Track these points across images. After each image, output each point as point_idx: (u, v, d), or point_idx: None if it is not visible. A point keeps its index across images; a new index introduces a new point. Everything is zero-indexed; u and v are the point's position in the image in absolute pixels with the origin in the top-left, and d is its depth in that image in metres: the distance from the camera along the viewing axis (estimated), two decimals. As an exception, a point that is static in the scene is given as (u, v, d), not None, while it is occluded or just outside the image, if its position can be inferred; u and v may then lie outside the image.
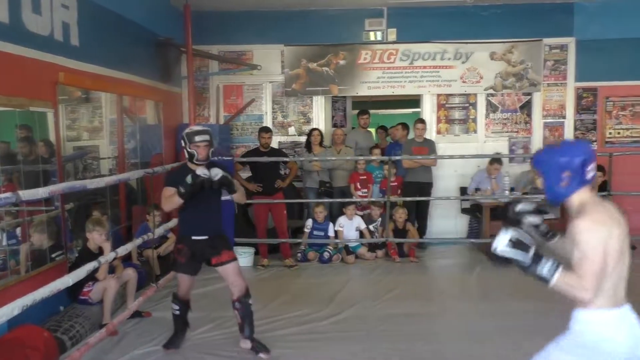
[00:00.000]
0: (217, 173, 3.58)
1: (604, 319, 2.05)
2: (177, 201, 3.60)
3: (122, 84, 5.70)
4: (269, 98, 7.81)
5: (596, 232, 1.98)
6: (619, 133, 7.63)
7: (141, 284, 5.04)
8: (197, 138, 3.68)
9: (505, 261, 2.05)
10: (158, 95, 6.71)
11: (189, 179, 3.54)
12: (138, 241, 4.88)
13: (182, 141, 3.74)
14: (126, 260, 5.22)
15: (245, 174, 6.73)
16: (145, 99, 6.47)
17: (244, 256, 6.42)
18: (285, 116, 7.83)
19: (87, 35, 4.89)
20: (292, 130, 7.75)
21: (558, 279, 1.97)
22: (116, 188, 5.57)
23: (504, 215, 2.40)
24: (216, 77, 7.79)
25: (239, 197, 3.95)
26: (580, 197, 2.12)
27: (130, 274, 4.68)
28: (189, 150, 3.70)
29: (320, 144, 7.26)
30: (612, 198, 6.72)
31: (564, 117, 7.68)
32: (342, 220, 6.79)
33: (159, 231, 5.28)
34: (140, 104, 6.42)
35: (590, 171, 2.12)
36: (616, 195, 6.72)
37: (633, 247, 6.82)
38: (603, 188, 6.79)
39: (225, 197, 5.94)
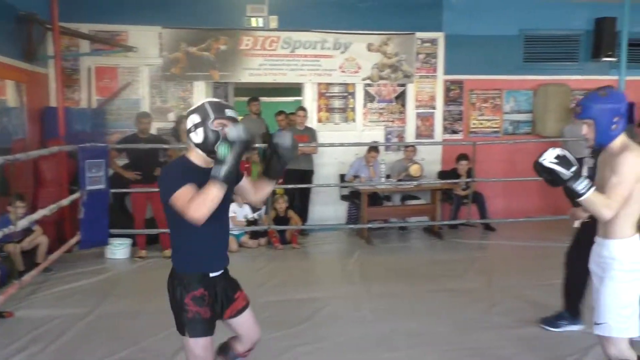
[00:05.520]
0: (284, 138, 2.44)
1: (634, 244, 2.46)
2: (219, 194, 2.16)
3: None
4: (147, 82, 7.46)
5: (636, 165, 2.36)
6: (481, 124, 8.28)
7: (2, 281, 4.64)
8: (228, 112, 2.34)
9: (547, 172, 2.35)
10: (20, 76, 6.14)
11: (236, 134, 2.18)
12: (-2, 235, 4.46)
13: (197, 115, 2.30)
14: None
15: (122, 161, 6.40)
16: (3, 78, 5.89)
17: (120, 248, 6.15)
18: (165, 101, 7.54)
19: None
20: (171, 116, 7.48)
21: (590, 195, 2.31)
22: (-30, 177, 5.04)
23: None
24: (87, 58, 7.29)
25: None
26: (621, 139, 2.46)
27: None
28: (212, 128, 2.28)
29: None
30: (475, 184, 7.32)
31: (434, 108, 8.17)
32: (234, 206, 6.72)
33: (22, 223, 4.86)
34: (-1, 84, 5.85)
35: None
36: (479, 182, 7.33)
37: (492, 229, 7.50)
38: (468, 175, 7.36)
39: (99, 186, 5.67)
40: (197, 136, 2.30)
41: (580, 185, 2.32)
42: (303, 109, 7.38)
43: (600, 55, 8.02)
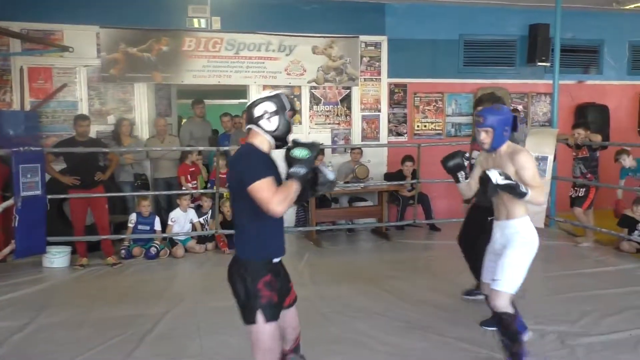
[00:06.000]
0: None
1: (529, 222, 3.15)
2: (297, 192, 2.39)
3: None
4: (84, 83, 7.16)
5: (532, 158, 3.13)
6: (425, 126, 8.45)
7: None
8: (294, 105, 2.61)
9: (503, 189, 2.92)
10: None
11: (302, 147, 2.45)
12: None
13: (272, 104, 2.48)
14: None
15: (59, 165, 6.11)
16: None
17: (59, 256, 5.87)
18: (104, 103, 7.26)
19: None
20: (111, 118, 7.22)
21: (530, 192, 2.92)
22: None
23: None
24: (19, 57, 6.93)
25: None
26: (507, 143, 3.15)
27: None
28: (286, 119, 2.52)
29: (130, 134, 6.96)
30: (420, 185, 7.46)
31: (379, 111, 8.27)
32: (175, 213, 6.54)
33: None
34: None
35: None
36: (424, 183, 7.47)
37: (437, 229, 7.65)
38: (413, 176, 7.48)
39: (35, 192, 5.39)
40: (270, 124, 2.48)
41: (523, 189, 2.92)
42: (249, 111, 7.28)
43: (535, 60, 8.35)
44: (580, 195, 6.52)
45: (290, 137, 2.56)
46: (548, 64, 8.27)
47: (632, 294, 4.80)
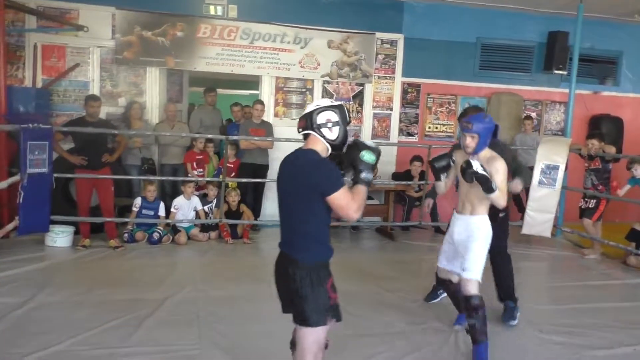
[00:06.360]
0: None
1: (487, 219, 3.53)
2: (366, 195, 2.54)
3: None
4: (97, 64, 7.12)
5: (505, 166, 3.43)
6: (436, 128, 8.38)
7: None
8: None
9: (477, 178, 3.27)
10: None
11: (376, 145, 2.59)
12: None
13: (335, 114, 2.50)
14: None
15: (67, 145, 6.08)
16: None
17: (62, 236, 5.85)
18: (115, 85, 7.22)
19: None
20: (122, 101, 7.19)
21: (497, 192, 3.29)
22: None
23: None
24: (33, 34, 6.90)
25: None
26: (486, 149, 3.48)
27: None
28: (345, 130, 2.55)
29: (140, 118, 6.92)
30: (428, 187, 7.38)
31: (391, 110, 8.20)
32: (178, 201, 6.50)
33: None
34: None
35: None
36: (432, 185, 7.39)
37: (443, 232, 7.57)
38: (421, 177, 7.41)
39: (41, 169, 5.37)
40: (332, 133, 2.51)
41: (494, 185, 3.26)
42: (261, 102, 7.24)
43: (552, 67, 8.25)
44: (590, 206, 6.44)
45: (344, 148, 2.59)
46: (565, 73, 8.18)
47: (638, 309, 4.74)
